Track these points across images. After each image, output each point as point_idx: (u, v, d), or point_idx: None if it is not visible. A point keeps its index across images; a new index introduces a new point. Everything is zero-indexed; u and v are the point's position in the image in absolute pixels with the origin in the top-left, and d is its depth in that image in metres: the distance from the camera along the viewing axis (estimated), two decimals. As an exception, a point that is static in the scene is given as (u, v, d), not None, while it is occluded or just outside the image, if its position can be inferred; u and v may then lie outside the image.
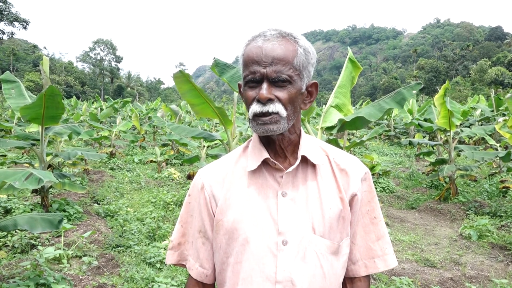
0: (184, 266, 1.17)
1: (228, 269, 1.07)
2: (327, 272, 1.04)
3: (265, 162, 1.08)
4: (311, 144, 1.13)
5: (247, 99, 1.02)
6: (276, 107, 0.99)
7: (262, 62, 0.98)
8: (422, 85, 4.08)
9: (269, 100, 0.98)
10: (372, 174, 8.48)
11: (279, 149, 1.09)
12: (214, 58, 4.18)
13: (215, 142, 8.67)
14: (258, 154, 1.08)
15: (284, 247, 1.02)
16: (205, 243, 1.13)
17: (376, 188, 8.79)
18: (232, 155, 1.17)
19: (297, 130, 1.10)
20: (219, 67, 4.15)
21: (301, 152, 1.07)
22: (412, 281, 3.96)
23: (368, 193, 1.14)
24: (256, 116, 1.00)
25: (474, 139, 13.89)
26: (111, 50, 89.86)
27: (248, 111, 1.03)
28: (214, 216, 1.10)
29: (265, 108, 0.99)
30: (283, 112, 1.00)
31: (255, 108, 1.00)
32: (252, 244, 1.03)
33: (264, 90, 0.98)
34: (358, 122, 3.77)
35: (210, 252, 1.14)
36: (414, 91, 3.89)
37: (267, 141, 1.09)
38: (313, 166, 1.09)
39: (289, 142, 1.09)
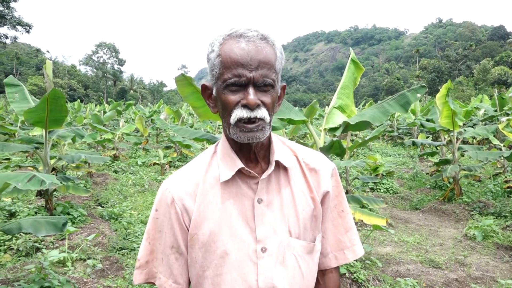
0: (153, 283, 1.11)
1: (205, 282, 1.04)
2: (305, 272, 1.07)
3: (238, 170, 1.04)
4: (281, 146, 1.11)
5: (229, 103, 0.96)
6: (263, 112, 0.96)
7: (249, 66, 0.93)
8: (427, 89, 4.06)
9: (257, 106, 0.95)
10: (376, 175, 8.47)
11: (252, 154, 1.06)
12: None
13: (218, 144, 8.66)
14: (230, 162, 1.04)
15: (263, 254, 1.01)
16: (179, 258, 1.08)
17: (379, 189, 8.77)
18: (200, 162, 1.11)
19: (269, 133, 1.06)
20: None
21: (275, 157, 1.05)
22: (417, 282, 3.94)
23: (335, 188, 1.16)
24: (241, 122, 0.96)
25: (477, 139, 13.83)
26: (113, 53, 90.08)
27: (229, 116, 0.97)
28: (188, 230, 1.05)
29: (253, 114, 0.94)
30: (268, 118, 0.97)
31: (242, 113, 0.95)
32: (232, 256, 1.01)
33: (253, 95, 0.94)
34: (362, 125, 3.75)
35: (184, 267, 1.09)
36: (419, 95, 3.87)
37: (239, 147, 1.05)
38: (285, 168, 1.09)
39: (262, 146, 1.07)
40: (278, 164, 1.07)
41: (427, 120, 9.62)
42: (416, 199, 8.12)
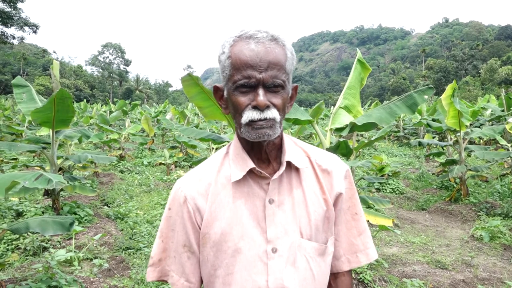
0: (166, 281, 1.13)
1: (216, 281, 1.05)
2: (316, 274, 1.06)
3: (249, 170, 1.05)
4: (293, 147, 1.12)
5: (239, 105, 0.97)
6: (273, 113, 0.97)
7: (258, 67, 0.94)
8: (434, 90, 4.03)
9: (267, 107, 0.96)
10: (382, 175, 8.44)
11: (264, 154, 1.06)
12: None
13: (224, 144, 8.69)
14: (242, 162, 1.05)
15: (274, 254, 1.02)
16: (191, 257, 1.10)
17: (385, 189, 8.74)
18: (213, 162, 1.13)
19: (281, 133, 1.08)
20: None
21: (286, 157, 1.05)
22: (423, 283, 3.93)
23: (349, 190, 1.15)
24: (253, 122, 0.97)
25: (484, 139, 13.73)
26: (119, 54, 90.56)
27: (240, 117, 0.98)
28: (200, 229, 1.07)
29: (263, 115, 0.95)
30: (278, 118, 0.98)
31: (253, 115, 0.96)
32: (243, 255, 1.02)
33: (262, 96, 0.94)
34: (369, 126, 3.74)
35: (196, 265, 1.10)
36: (426, 96, 3.85)
37: (251, 147, 1.06)
38: (297, 169, 1.09)
39: (273, 146, 1.07)
40: (290, 164, 1.07)
41: (433, 120, 9.57)
42: (422, 200, 8.08)
